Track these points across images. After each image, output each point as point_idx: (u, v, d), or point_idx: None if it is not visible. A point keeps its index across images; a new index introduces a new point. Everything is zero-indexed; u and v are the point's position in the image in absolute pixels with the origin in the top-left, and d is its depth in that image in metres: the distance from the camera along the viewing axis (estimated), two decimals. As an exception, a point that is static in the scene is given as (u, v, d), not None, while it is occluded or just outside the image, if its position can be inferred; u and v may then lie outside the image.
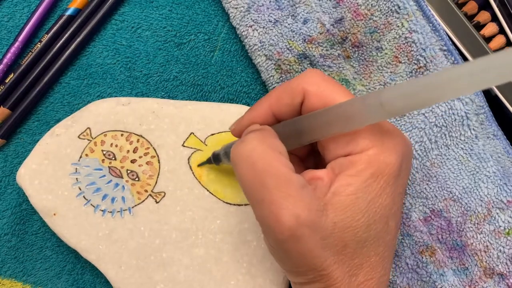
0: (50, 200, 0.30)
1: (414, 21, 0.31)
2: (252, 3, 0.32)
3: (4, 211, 0.34)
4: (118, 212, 0.31)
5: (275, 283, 0.30)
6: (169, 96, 0.35)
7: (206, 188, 0.31)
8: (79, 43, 0.34)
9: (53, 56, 0.34)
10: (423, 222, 0.31)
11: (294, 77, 0.27)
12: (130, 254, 0.30)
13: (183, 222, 0.31)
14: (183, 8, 0.35)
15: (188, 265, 0.30)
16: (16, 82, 0.34)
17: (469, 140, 0.31)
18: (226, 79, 0.35)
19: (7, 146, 0.34)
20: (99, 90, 0.35)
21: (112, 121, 0.32)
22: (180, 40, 0.35)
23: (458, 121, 0.31)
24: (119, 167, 0.31)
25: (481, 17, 0.33)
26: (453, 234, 0.31)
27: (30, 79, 0.34)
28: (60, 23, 0.35)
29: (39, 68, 0.34)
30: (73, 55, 0.34)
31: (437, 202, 0.31)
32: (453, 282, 0.30)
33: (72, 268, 0.33)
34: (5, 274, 0.33)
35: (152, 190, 0.31)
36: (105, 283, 0.33)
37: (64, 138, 0.31)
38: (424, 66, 0.31)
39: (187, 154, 0.32)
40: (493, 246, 0.30)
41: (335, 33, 0.32)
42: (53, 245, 0.34)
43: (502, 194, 0.30)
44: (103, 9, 0.35)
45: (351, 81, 0.32)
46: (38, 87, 0.34)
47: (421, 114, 0.31)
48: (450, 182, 0.31)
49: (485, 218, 0.30)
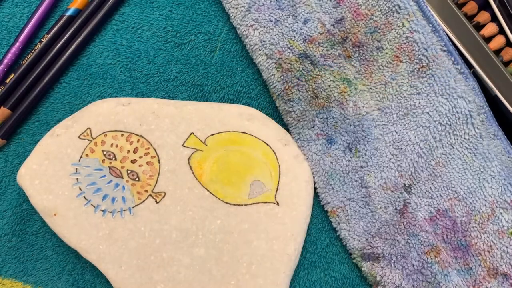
0: (50, 200, 0.30)
1: (415, 21, 0.31)
2: (253, 3, 0.33)
3: (4, 211, 0.34)
4: (118, 212, 0.31)
5: (275, 283, 0.30)
6: (169, 96, 0.35)
7: (206, 188, 0.31)
8: (80, 44, 0.34)
9: (53, 56, 0.34)
10: (429, 222, 0.31)
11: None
12: (130, 254, 0.30)
13: (183, 222, 0.31)
14: (183, 9, 0.35)
15: (188, 265, 0.30)
16: (16, 82, 0.34)
17: (473, 139, 0.31)
18: (226, 79, 0.35)
19: (8, 146, 0.34)
20: (100, 90, 0.35)
21: (112, 121, 0.32)
22: (180, 40, 0.35)
23: (462, 120, 0.31)
24: (119, 167, 0.31)
25: (481, 17, 0.33)
26: (458, 234, 0.31)
27: (31, 79, 0.34)
28: (61, 23, 0.35)
29: (39, 68, 0.34)
30: (74, 55, 0.34)
31: (442, 202, 0.31)
32: (457, 282, 0.30)
33: (72, 268, 0.33)
34: (6, 274, 0.33)
35: (152, 190, 0.31)
36: (105, 283, 0.33)
37: (64, 138, 0.31)
38: (426, 65, 0.31)
39: (187, 154, 0.32)
40: (497, 246, 0.30)
41: (335, 33, 0.32)
42: (54, 245, 0.34)
43: (506, 194, 0.30)
44: (103, 9, 0.35)
45: (352, 81, 0.32)
46: (38, 87, 0.34)
47: (425, 113, 0.31)
48: (455, 182, 0.31)
49: (489, 218, 0.30)
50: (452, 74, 0.31)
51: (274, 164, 0.32)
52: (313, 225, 0.34)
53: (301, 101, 0.32)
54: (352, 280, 0.33)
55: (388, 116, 0.32)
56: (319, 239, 0.33)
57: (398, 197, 0.32)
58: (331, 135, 0.32)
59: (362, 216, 0.32)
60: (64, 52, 0.34)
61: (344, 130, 0.32)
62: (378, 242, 0.32)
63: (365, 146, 0.32)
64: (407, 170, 0.32)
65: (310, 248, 0.33)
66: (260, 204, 0.31)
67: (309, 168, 0.33)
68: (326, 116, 0.32)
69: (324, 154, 0.33)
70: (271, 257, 0.30)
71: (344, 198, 0.32)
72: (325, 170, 0.32)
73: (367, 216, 0.32)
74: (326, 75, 0.32)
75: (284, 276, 0.30)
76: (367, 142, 0.32)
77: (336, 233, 0.33)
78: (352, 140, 0.32)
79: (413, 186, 0.32)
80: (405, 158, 0.32)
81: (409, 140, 0.31)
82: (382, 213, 0.32)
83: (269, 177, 0.32)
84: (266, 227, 0.31)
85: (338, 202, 0.32)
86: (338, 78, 0.32)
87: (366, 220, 0.32)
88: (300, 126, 0.33)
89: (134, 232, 0.30)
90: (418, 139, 0.31)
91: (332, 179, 0.32)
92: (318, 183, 0.33)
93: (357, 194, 0.32)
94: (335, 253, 0.33)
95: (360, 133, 0.32)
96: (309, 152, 0.33)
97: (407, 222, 0.31)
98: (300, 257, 0.32)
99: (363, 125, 0.32)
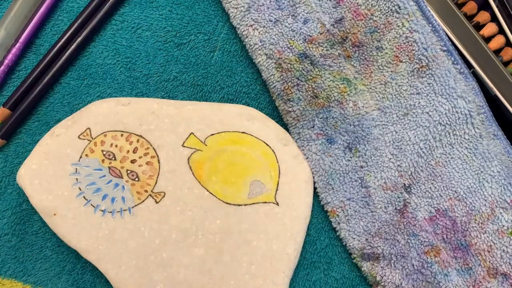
0: (50, 200, 0.30)
1: (415, 21, 0.31)
2: (252, 3, 0.33)
3: (4, 211, 0.34)
4: (118, 212, 0.31)
5: (274, 283, 0.30)
6: (169, 96, 0.35)
7: (206, 188, 0.31)
8: (79, 43, 0.34)
9: (53, 56, 0.34)
10: (429, 222, 0.31)
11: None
12: (130, 254, 0.30)
13: (183, 222, 0.31)
14: (183, 9, 0.35)
15: (188, 265, 0.30)
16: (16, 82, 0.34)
17: (473, 139, 0.31)
18: (226, 79, 0.35)
19: (7, 147, 0.34)
20: (99, 90, 0.35)
21: (112, 121, 0.32)
22: (180, 40, 0.35)
23: (462, 119, 0.31)
24: (119, 167, 0.31)
25: (480, 17, 0.33)
26: (458, 234, 0.31)
27: (30, 80, 0.34)
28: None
29: (39, 68, 0.34)
30: (73, 55, 0.34)
31: (442, 202, 0.31)
32: (457, 282, 0.30)
33: (72, 268, 0.33)
34: (5, 274, 0.33)
35: (152, 190, 0.31)
36: (105, 283, 0.33)
37: (64, 139, 0.31)
38: (426, 65, 0.31)
39: (187, 154, 0.32)
40: (497, 246, 0.30)
41: (335, 33, 0.32)
42: (53, 245, 0.34)
43: (506, 193, 0.30)
44: (103, 9, 0.35)
45: (352, 81, 0.32)
46: (38, 88, 0.34)
47: (425, 113, 0.31)
48: (455, 182, 0.31)
49: (489, 218, 0.30)
50: (451, 74, 0.31)
51: (273, 164, 0.32)
52: (312, 225, 0.34)
53: (300, 101, 0.32)
54: (352, 280, 0.33)
55: (388, 116, 0.32)
56: (318, 239, 0.33)
57: (398, 197, 0.32)
58: (331, 135, 0.32)
59: (362, 216, 0.32)
60: (64, 52, 0.34)
61: (344, 130, 0.32)
62: (378, 242, 0.32)
63: (365, 146, 0.32)
64: (407, 170, 0.32)
65: (310, 248, 0.33)
66: (260, 204, 0.31)
67: (309, 168, 0.33)
68: (326, 116, 0.32)
69: (324, 154, 0.33)
70: (271, 257, 0.30)
71: (344, 198, 0.32)
72: (325, 170, 0.32)
73: (367, 216, 0.32)
74: (326, 75, 0.32)
75: (284, 276, 0.30)
76: (367, 142, 0.32)
77: (336, 233, 0.33)
78: (352, 140, 0.32)
79: (413, 186, 0.32)
80: (405, 158, 0.32)
81: (409, 140, 0.31)
82: (382, 213, 0.32)
83: (269, 177, 0.32)
84: (265, 227, 0.31)
85: (338, 202, 0.32)
86: (337, 78, 0.32)
87: (366, 220, 0.32)
88: (300, 126, 0.33)
89: (134, 232, 0.30)
90: (418, 139, 0.31)
91: (332, 179, 0.32)
92: (318, 183, 0.33)
93: (357, 194, 0.32)
94: (335, 253, 0.33)
95: (360, 133, 0.32)
96: (309, 152, 0.33)
97: (407, 222, 0.31)
98: (300, 257, 0.32)
99: (363, 125, 0.32)
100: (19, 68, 0.35)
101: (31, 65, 0.35)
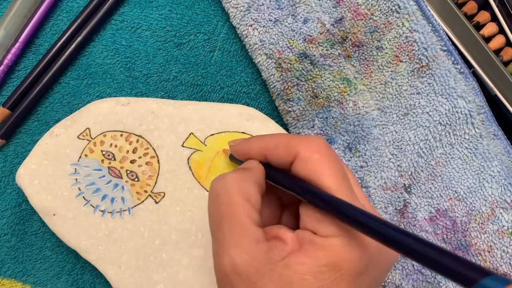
0: (49, 200, 0.30)
1: (415, 20, 0.31)
2: (252, 3, 0.32)
3: (3, 211, 0.34)
4: (118, 212, 0.31)
5: (275, 283, 0.30)
6: (168, 96, 0.35)
7: (205, 189, 0.31)
8: (79, 43, 0.34)
9: (52, 56, 0.34)
10: (429, 222, 0.31)
11: (298, 135, 0.26)
12: (129, 254, 0.30)
13: (182, 222, 0.31)
14: (182, 8, 0.35)
15: (187, 265, 0.30)
16: (16, 82, 0.34)
17: (473, 139, 0.31)
18: (226, 79, 0.35)
19: (7, 146, 0.34)
20: (99, 90, 0.35)
21: (111, 121, 0.32)
22: (179, 40, 0.35)
23: (462, 119, 0.31)
24: (118, 167, 0.31)
25: (480, 17, 0.33)
26: (458, 234, 0.31)
27: (30, 79, 0.34)
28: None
29: (38, 68, 0.34)
30: (73, 55, 0.34)
31: (442, 202, 0.31)
32: None
33: (71, 268, 0.33)
34: (5, 274, 0.33)
35: (151, 190, 0.31)
36: (105, 283, 0.33)
37: (63, 138, 0.31)
38: (426, 65, 0.31)
39: (186, 154, 0.31)
40: (497, 246, 0.30)
41: (335, 33, 0.32)
42: (53, 245, 0.33)
43: (506, 194, 0.30)
44: (102, 9, 0.35)
45: (352, 80, 0.32)
46: (37, 87, 0.34)
47: (425, 113, 0.31)
48: (455, 182, 0.31)
49: (489, 218, 0.30)
50: (452, 73, 0.31)
51: (273, 164, 0.32)
52: (312, 225, 0.33)
53: (300, 101, 0.32)
54: (352, 280, 0.33)
55: (388, 116, 0.32)
56: (318, 239, 0.33)
57: (398, 197, 0.31)
58: (331, 135, 0.32)
59: (362, 216, 0.32)
60: (64, 52, 0.34)
61: (344, 130, 0.32)
62: (378, 242, 0.32)
63: (365, 146, 0.32)
64: (407, 170, 0.31)
65: (310, 248, 0.33)
66: (260, 204, 0.31)
67: (309, 168, 0.33)
68: (326, 116, 0.32)
69: (323, 154, 0.32)
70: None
71: (344, 198, 0.32)
72: (324, 170, 0.32)
73: (367, 216, 0.32)
74: (326, 75, 0.32)
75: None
76: (367, 142, 0.32)
77: (336, 233, 0.33)
78: (352, 140, 0.32)
79: (413, 186, 0.31)
80: (405, 158, 0.31)
81: (409, 140, 0.31)
82: (382, 213, 0.32)
83: (269, 177, 0.32)
84: (265, 227, 0.31)
85: (338, 202, 0.32)
86: (337, 78, 0.32)
87: (366, 220, 0.32)
88: (299, 126, 0.33)
89: (134, 232, 0.30)
90: (418, 139, 0.31)
91: (332, 179, 0.32)
92: (318, 183, 0.33)
93: (357, 194, 0.32)
94: (335, 253, 0.33)
95: (360, 133, 0.32)
96: (309, 152, 0.33)
97: (407, 222, 0.31)
98: (300, 257, 0.32)
99: (363, 125, 0.32)
100: (19, 68, 0.35)
101: (31, 65, 0.35)
